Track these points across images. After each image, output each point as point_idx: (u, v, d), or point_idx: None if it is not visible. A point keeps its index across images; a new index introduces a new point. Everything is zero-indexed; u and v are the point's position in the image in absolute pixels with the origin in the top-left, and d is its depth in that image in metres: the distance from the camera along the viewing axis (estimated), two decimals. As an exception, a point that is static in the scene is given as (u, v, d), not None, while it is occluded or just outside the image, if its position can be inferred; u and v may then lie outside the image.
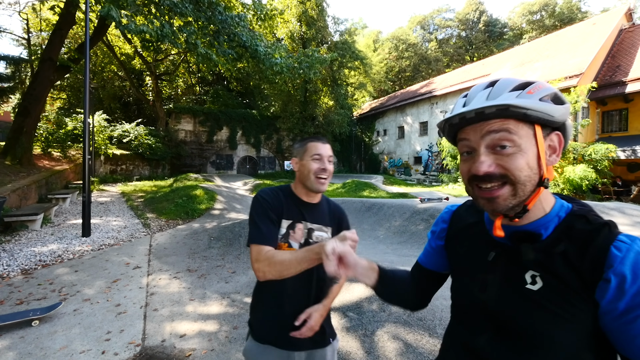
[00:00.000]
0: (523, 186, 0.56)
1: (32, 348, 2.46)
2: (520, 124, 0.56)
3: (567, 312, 0.54)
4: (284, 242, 1.16)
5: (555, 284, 0.56)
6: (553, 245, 0.57)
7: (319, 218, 1.24)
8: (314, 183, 1.17)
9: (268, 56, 9.85)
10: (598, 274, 0.52)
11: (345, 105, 21.84)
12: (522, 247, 0.59)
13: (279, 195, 1.20)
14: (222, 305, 3.22)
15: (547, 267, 0.57)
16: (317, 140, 1.22)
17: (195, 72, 24.43)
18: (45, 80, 9.19)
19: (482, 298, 0.64)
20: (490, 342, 0.63)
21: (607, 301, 0.51)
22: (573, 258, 0.55)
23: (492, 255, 0.64)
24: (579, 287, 0.54)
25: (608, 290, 0.51)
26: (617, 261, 0.51)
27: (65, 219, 7.11)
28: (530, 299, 0.57)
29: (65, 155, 12.25)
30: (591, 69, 11.76)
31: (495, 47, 36.71)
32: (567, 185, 10.03)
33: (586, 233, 0.56)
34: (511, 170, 0.55)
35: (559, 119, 0.57)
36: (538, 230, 0.59)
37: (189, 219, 7.39)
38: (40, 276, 3.94)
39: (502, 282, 0.62)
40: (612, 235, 0.54)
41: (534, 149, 0.57)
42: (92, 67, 18.84)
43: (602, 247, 0.53)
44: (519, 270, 0.60)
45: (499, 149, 0.56)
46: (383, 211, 6.27)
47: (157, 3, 7.74)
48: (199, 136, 20.27)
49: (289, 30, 20.29)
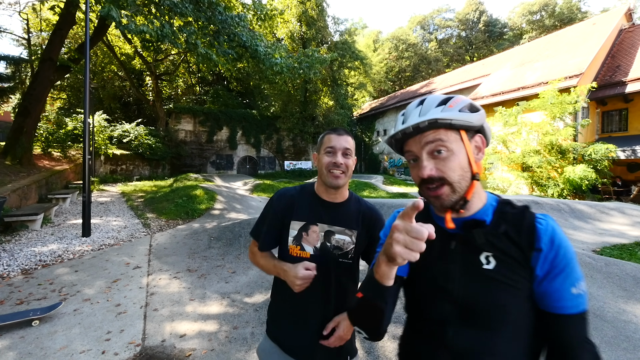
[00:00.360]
0: (459, 184, 0.69)
1: (32, 348, 2.46)
2: (448, 131, 0.69)
3: (517, 282, 0.66)
4: (295, 245, 1.10)
5: (505, 259, 0.67)
6: (496, 227, 0.70)
7: (341, 220, 1.12)
8: (327, 177, 1.09)
9: (268, 56, 9.85)
10: (532, 245, 0.66)
11: (345, 105, 21.85)
12: (474, 233, 0.70)
13: (293, 195, 1.16)
14: (222, 305, 3.22)
15: (497, 246, 0.68)
16: (332, 132, 1.13)
17: (195, 72, 24.43)
18: (45, 80, 9.19)
19: (448, 287, 0.72)
20: (456, 328, 0.70)
21: (538, 266, 0.66)
22: (513, 235, 0.68)
23: (453, 244, 0.74)
24: (521, 258, 0.67)
25: (539, 257, 0.65)
26: (542, 232, 0.66)
27: (66, 219, 7.11)
28: (488, 278, 0.68)
29: (65, 155, 12.25)
30: (591, 69, 11.75)
31: (495, 47, 36.72)
32: (567, 185, 10.03)
33: (516, 215, 0.70)
34: (447, 172, 0.68)
35: (477, 124, 0.70)
36: (482, 217, 0.72)
37: (189, 219, 7.39)
38: (41, 276, 3.94)
39: (462, 268, 0.71)
40: (532, 215, 0.70)
41: (463, 150, 0.69)
42: (92, 67, 18.85)
43: (531, 224, 0.68)
44: (475, 255, 0.70)
45: (437, 153, 0.69)
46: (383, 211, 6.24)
47: (157, 3, 7.73)
48: (199, 136, 20.27)
49: (289, 30, 20.30)
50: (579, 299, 0.64)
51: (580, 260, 3.45)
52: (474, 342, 0.68)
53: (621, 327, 2.46)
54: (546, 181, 10.80)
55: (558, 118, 10.86)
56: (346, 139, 1.11)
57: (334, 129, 1.14)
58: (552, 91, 10.72)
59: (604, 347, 2.26)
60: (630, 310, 2.67)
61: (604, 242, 4.78)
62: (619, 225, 5.80)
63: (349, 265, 1.12)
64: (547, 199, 7.22)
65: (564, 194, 10.26)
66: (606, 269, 3.31)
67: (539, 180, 11.02)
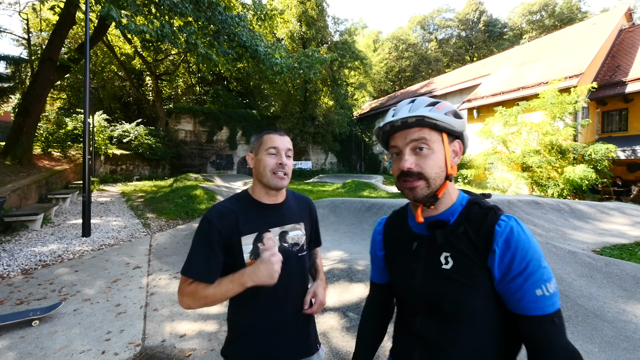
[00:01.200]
0: (434, 180, 0.73)
1: (32, 348, 2.46)
2: (432, 132, 0.74)
3: (473, 282, 0.68)
4: (254, 259, 1.01)
5: (462, 259, 0.70)
6: (456, 227, 0.73)
7: (288, 217, 1.13)
8: (271, 179, 1.04)
9: (268, 56, 9.85)
10: (488, 246, 0.68)
11: (345, 105, 21.83)
12: (435, 233, 0.74)
13: (233, 209, 1.04)
14: (222, 305, 3.21)
15: (455, 246, 0.71)
16: (273, 132, 1.08)
17: (195, 72, 24.42)
18: (45, 80, 9.19)
19: (412, 284, 0.78)
20: (424, 320, 0.76)
21: (495, 267, 0.67)
22: (472, 235, 0.71)
23: (415, 245, 0.79)
24: (477, 258, 0.69)
25: (495, 259, 0.67)
26: (498, 235, 0.67)
27: (65, 219, 7.11)
28: (446, 277, 0.71)
29: (65, 155, 12.25)
30: (591, 69, 11.75)
31: (495, 47, 36.72)
32: (567, 185, 10.03)
33: (479, 215, 0.72)
34: (425, 169, 0.73)
35: (458, 129, 0.76)
36: (447, 217, 0.76)
37: (189, 219, 7.39)
38: (40, 276, 3.94)
39: (424, 268, 0.76)
40: (496, 216, 0.70)
41: (442, 151, 0.75)
42: (92, 67, 18.84)
43: (490, 225, 0.69)
44: (436, 255, 0.74)
45: (419, 150, 0.74)
46: (383, 211, 6.26)
47: (157, 3, 7.73)
48: (199, 136, 20.26)
49: (289, 30, 20.28)
50: (544, 300, 0.63)
51: (580, 260, 3.45)
52: (439, 333, 0.72)
53: (621, 327, 2.46)
54: (546, 181, 10.79)
55: (558, 118, 10.86)
56: (288, 140, 1.10)
57: (273, 128, 1.12)
58: (552, 91, 10.71)
59: (604, 347, 2.26)
60: (630, 310, 2.67)
61: (604, 242, 4.77)
62: (619, 225, 5.80)
63: (307, 255, 1.18)
64: (547, 199, 7.21)
65: (564, 194, 10.26)
66: (606, 269, 3.31)
67: (539, 180, 11.02)
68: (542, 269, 0.65)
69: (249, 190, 1.14)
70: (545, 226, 5.19)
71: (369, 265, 1.07)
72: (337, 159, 24.71)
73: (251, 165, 1.12)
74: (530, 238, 0.67)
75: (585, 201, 7.63)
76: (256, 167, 1.08)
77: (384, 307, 0.98)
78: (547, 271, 0.65)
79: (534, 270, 0.64)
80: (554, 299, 0.64)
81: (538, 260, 0.65)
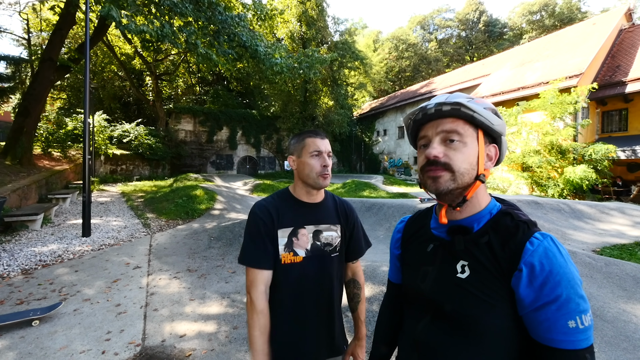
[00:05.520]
0: (461, 175, 0.66)
1: (32, 348, 2.46)
2: (467, 125, 0.68)
3: (490, 297, 0.62)
4: (287, 252, 1.09)
5: (480, 271, 0.64)
6: (480, 236, 0.66)
7: (325, 217, 1.17)
8: (318, 180, 1.10)
9: (268, 56, 9.85)
10: (514, 264, 0.61)
11: (345, 105, 21.82)
12: (455, 239, 0.68)
13: (274, 204, 1.13)
14: (222, 305, 3.22)
15: (475, 256, 0.65)
16: (315, 136, 1.14)
17: (195, 72, 24.42)
18: (46, 80, 9.19)
19: (421, 287, 0.73)
20: (427, 326, 0.71)
21: (520, 289, 0.59)
22: (496, 248, 0.64)
23: (430, 247, 0.74)
24: (499, 273, 0.62)
25: (521, 279, 0.59)
26: (529, 254, 0.59)
27: (65, 219, 7.11)
28: (459, 286, 0.66)
29: (65, 155, 12.25)
30: (591, 69, 11.75)
31: (495, 47, 36.71)
32: (567, 185, 10.03)
33: (509, 228, 0.65)
34: (453, 160, 0.66)
35: (497, 129, 0.69)
36: (471, 224, 0.69)
37: (189, 219, 7.39)
38: (41, 276, 3.94)
39: (438, 272, 0.71)
40: (529, 232, 0.63)
41: (475, 148, 0.68)
42: (92, 67, 18.84)
43: (520, 242, 0.62)
44: (452, 261, 0.69)
45: (449, 142, 0.67)
46: (383, 211, 6.26)
47: (157, 3, 7.73)
48: (199, 136, 20.27)
49: (289, 30, 20.27)
50: (578, 334, 0.55)
51: (580, 260, 3.45)
52: (441, 342, 0.68)
53: (621, 327, 2.46)
54: (546, 181, 10.79)
55: (558, 118, 10.86)
56: (327, 142, 1.16)
57: (314, 131, 1.16)
58: (552, 91, 10.71)
59: (604, 347, 2.26)
60: (630, 310, 2.67)
61: (604, 242, 4.77)
62: (619, 226, 5.80)
63: (339, 257, 1.20)
64: (547, 199, 7.21)
65: (564, 194, 10.26)
66: (606, 269, 3.31)
67: (539, 180, 11.02)
68: (578, 298, 0.56)
69: (289, 188, 1.20)
70: (546, 226, 5.18)
71: (369, 265, 1.07)
72: (337, 159, 24.72)
73: (293, 167, 1.17)
74: (567, 261, 0.59)
75: (585, 201, 7.62)
76: (300, 169, 1.14)
77: (400, 306, 0.94)
78: (584, 301, 0.57)
79: (569, 299, 0.56)
80: (588, 333, 0.56)
81: (574, 287, 0.57)
